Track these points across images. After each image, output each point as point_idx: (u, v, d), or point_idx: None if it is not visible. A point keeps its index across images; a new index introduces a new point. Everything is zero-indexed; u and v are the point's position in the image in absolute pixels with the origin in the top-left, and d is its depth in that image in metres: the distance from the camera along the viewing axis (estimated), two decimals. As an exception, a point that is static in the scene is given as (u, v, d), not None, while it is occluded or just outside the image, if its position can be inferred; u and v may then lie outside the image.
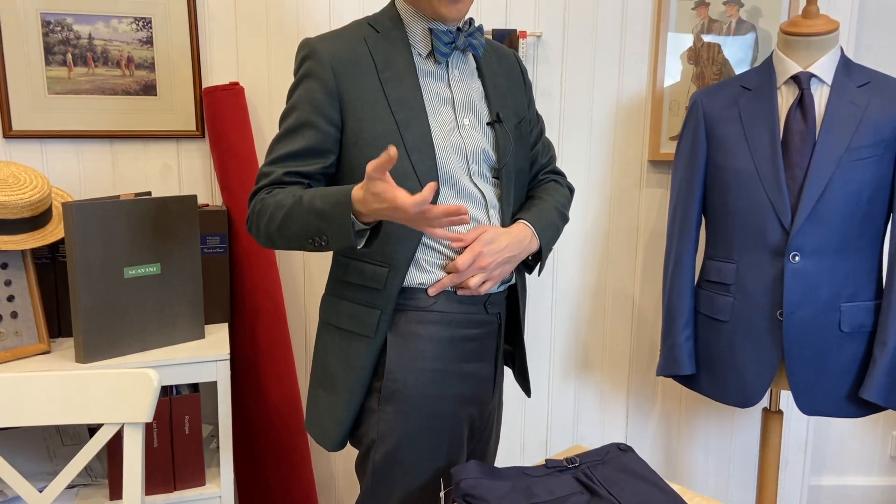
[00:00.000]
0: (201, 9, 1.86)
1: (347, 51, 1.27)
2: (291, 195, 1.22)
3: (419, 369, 1.28)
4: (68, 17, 1.75)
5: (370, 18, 1.33)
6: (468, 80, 1.34)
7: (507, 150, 1.34)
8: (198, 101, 1.88)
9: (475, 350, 1.33)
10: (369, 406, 1.31)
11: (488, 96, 1.35)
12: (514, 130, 1.37)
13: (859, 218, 1.61)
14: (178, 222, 1.65)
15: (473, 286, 1.27)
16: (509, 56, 1.45)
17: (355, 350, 1.30)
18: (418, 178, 1.24)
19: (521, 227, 1.33)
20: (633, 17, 2.02)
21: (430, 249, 1.28)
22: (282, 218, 1.21)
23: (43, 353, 1.64)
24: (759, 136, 1.66)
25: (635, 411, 2.25)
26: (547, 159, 1.50)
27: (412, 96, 1.27)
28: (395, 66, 1.27)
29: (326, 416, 1.35)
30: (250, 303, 1.87)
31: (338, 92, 1.25)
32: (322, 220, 1.16)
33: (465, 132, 1.30)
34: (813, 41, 1.65)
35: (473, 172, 1.30)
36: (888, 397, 1.63)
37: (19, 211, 1.58)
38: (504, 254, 1.28)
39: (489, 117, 1.34)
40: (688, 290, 1.81)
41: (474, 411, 1.37)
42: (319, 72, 1.25)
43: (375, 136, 1.25)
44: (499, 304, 1.36)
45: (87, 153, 1.84)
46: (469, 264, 1.25)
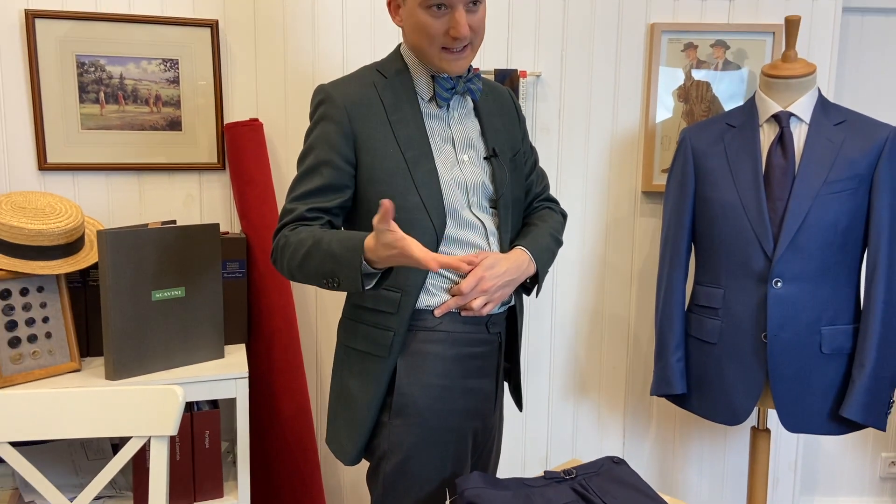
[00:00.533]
0: (224, 50, 2.00)
1: (359, 95, 1.39)
2: (312, 235, 1.32)
3: (427, 385, 1.38)
4: (102, 58, 1.89)
5: (378, 64, 1.45)
6: (467, 120, 1.46)
7: (504, 182, 1.46)
8: (219, 136, 2.02)
9: (478, 367, 1.44)
10: (381, 420, 1.41)
11: (485, 133, 1.47)
12: (510, 163, 1.49)
13: (837, 247, 1.73)
14: (201, 249, 1.77)
15: (476, 308, 1.38)
16: (504, 94, 1.58)
17: (371, 369, 1.41)
18: (427, 210, 1.36)
19: (519, 252, 1.44)
20: (626, 58, 2.16)
21: (436, 275, 1.39)
22: (302, 256, 1.32)
23: (74, 371, 1.75)
24: (743, 170, 1.79)
25: (632, 430, 2.35)
26: (541, 188, 1.62)
27: (419, 137, 1.39)
28: (402, 110, 1.39)
29: (344, 433, 1.45)
30: (266, 325, 1.98)
31: (352, 132, 1.37)
32: (335, 263, 1.27)
33: (464, 167, 1.42)
34: (792, 83, 1.78)
35: (473, 204, 1.42)
36: (867, 415, 1.73)
37: (55, 238, 1.70)
38: (504, 277, 1.40)
39: (486, 152, 1.46)
40: (678, 313, 1.92)
41: (478, 424, 1.47)
42: (335, 115, 1.37)
43: (387, 173, 1.37)
44: (499, 324, 1.47)
45: (117, 184, 1.97)
46: (472, 288, 1.37)
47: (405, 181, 1.36)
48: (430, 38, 1.35)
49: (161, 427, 1.35)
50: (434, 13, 1.32)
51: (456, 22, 1.32)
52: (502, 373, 1.54)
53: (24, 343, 1.68)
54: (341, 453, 1.46)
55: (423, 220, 1.36)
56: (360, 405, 1.42)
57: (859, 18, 2.37)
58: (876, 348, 1.73)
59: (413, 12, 1.35)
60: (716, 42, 2.12)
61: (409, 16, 1.36)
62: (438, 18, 1.33)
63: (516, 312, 1.52)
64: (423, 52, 1.38)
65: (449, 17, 1.33)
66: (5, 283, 1.67)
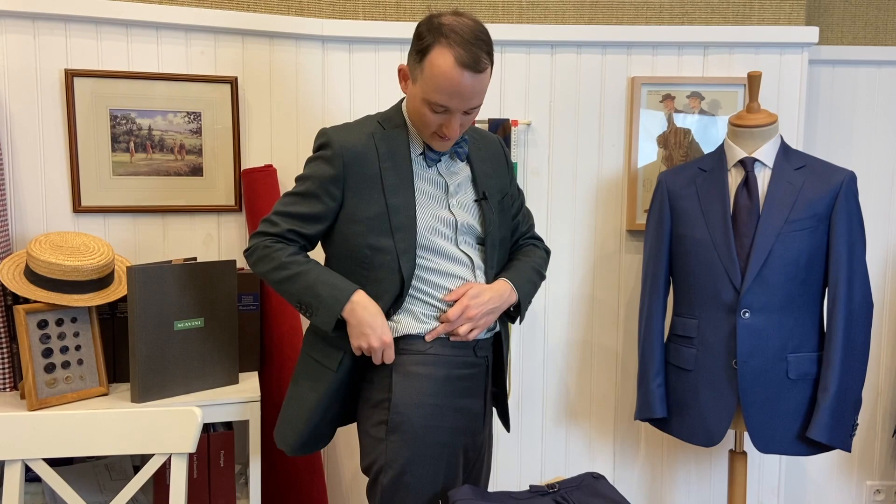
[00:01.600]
0: (242, 104, 2.21)
1: (356, 143, 1.56)
2: (296, 262, 1.54)
3: (420, 404, 1.54)
4: (133, 112, 2.10)
5: (380, 116, 1.62)
6: (457, 168, 1.63)
7: (492, 223, 1.63)
8: (237, 181, 2.21)
9: (467, 388, 1.60)
10: (377, 436, 1.55)
11: (475, 179, 1.64)
12: (498, 206, 1.66)
13: (799, 280, 1.89)
14: (219, 283, 1.95)
15: (463, 333, 1.54)
16: (493, 141, 1.75)
17: (323, 378, 1.61)
18: (397, 253, 1.53)
19: (501, 283, 1.61)
20: (609, 108, 2.35)
21: (424, 304, 1.56)
22: (284, 277, 1.53)
23: (102, 395, 1.91)
24: (713, 210, 1.95)
25: (621, 455, 2.48)
26: (527, 227, 1.79)
27: (404, 185, 1.55)
28: (393, 160, 1.56)
29: (288, 427, 1.65)
30: (277, 354, 2.15)
31: (343, 176, 1.55)
32: (317, 300, 1.51)
33: (455, 210, 1.59)
34: (756, 132, 1.96)
35: (460, 241, 1.59)
36: (832, 437, 1.87)
37: (89, 274, 1.88)
38: (488, 306, 1.56)
39: (476, 196, 1.64)
40: (658, 342, 2.07)
41: (468, 441, 1.62)
42: (331, 158, 1.55)
43: (368, 217, 1.54)
44: (486, 348, 1.63)
45: (143, 225, 2.16)
46: (458, 315, 1.53)
47: (382, 225, 1.53)
48: (426, 126, 1.53)
49: (181, 445, 1.47)
50: (435, 108, 1.48)
51: (449, 124, 1.50)
52: (490, 394, 1.69)
53: (59, 369, 1.85)
54: (283, 443, 1.66)
55: (391, 262, 1.53)
56: (306, 405, 1.61)
57: (830, 69, 2.55)
58: (838, 374, 1.87)
59: (415, 98, 1.51)
60: (692, 93, 2.30)
61: (413, 98, 1.53)
62: (436, 114, 1.49)
63: (501, 338, 1.67)
64: (418, 129, 1.56)
65: (443, 118, 1.49)
66: (43, 315, 1.84)
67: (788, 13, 2.32)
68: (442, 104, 1.46)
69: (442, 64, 1.43)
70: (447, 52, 1.43)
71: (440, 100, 1.46)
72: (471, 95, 1.46)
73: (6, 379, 1.93)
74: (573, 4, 2.31)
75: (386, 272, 1.54)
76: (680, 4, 2.32)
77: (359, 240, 1.55)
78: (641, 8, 2.32)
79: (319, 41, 2.27)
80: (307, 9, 2.25)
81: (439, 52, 1.43)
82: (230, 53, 2.19)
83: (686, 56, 2.33)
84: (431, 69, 1.44)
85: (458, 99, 1.46)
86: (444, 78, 1.43)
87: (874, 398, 2.64)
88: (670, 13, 2.32)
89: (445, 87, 1.44)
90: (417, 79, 1.49)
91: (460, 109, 1.48)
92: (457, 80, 1.43)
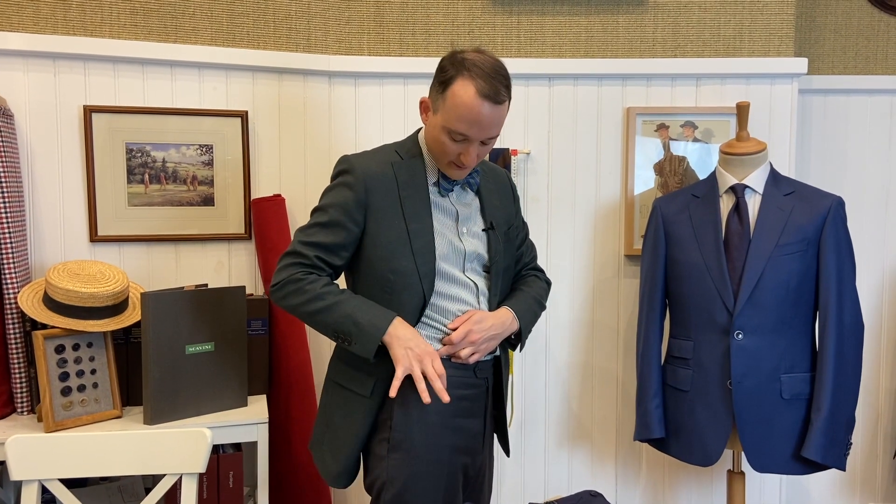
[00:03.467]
0: (252, 136, 2.30)
1: (377, 170, 1.62)
2: (331, 292, 1.56)
3: (421, 422, 1.59)
4: (148, 145, 2.20)
5: (397, 146, 1.70)
6: (468, 198, 1.71)
7: (498, 252, 1.70)
8: (247, 210, 2.30)
9: (467, 408, 1.66)
10: (379, 454, 1.61)
11: (483, 209, 1.71)
12: (504, 236, 1.73)
13: (790, 302, 1.94)
14: (229, 309, 2.02)
15: (464, 356, 1.61)
16: (502, 175, 1.83)
17: (355, 406, 1.63)
18: (419, 275, 1.59)
19: (504, 311, 1.67)
20: (605, 137, 2.43)
21: (429, 327, 1.63)
22: (319, 308, 1.55)
23: (116, 417, 1.98)
24: (706, 234, 2.02)
25: (623, 476, 2.51)
26: (530, 258, 1.86)
27: (423, 211, 1.63)
28: (412, 187, 1.63)
29: (329, 457, 1.67)
30: (285, 377, 2.21)
31: (366, 202, 1.60)
32: (357, 329, 1.53)
33: (464, 238, 1.66)
34: (745, 159, 2.03)
35: (467, 269, 1.66)
36: (826, 455, 1.91)
37: (104, 300, 1.96)
38: (490, 332, 1.63)
39: (484, 225, 1.70)
40: (655, 364, 2.12)
41: (468, 460, 1.67)
42: (353, 183, 1.60)
43: (390, 241, 1.60)
44: (486, 370, 1.69)
45: (156, 253, 2.24)
46: (461, 339, 1.60)
47: (404, 249, 1.60)
48: (444, 154, 1.60)
49: (192, 465, 1.52)
50: (455, 137, 1.56)
51: (468, 153, 1.57)
52: (490, 416, 1.74)
53: (75, 392, 1.92)
54: (327, 474, 1.68)
55: (414, 283, 1.59)
56: (343, 435, 1.64)
57: (822, 98, 2.63)
58: (831, 394, 1.91)
59: (436, 127, 1.59)
60: (685, 123, 2.38)
61: (432, 127, 1.60)
62: (455, 143, 1.57)
63: (501, 362, 1.73)
64: (435, 157, 1.63)
65: (462, 147, 1.57)
66: (60, 340, 1.92)
67: (778, 45, 2.40)
68: (462, 133, 1.54)
69: (464, 94, 1.52)
70: (469, 84, 1.52)
71: (460, 128, 1.54)
72: (489, 125, 1.55)
73: (24, 402, 2.00)
74: (570, 39, 2.40)
75: (409, 295, 1.59)
76: (673, 38, 2.41)
77: (381, 264, 1.60)
78: (635, 41, 2.41)
79: (326, 76, 2.37)
80: (314, 45, 2.35)
81: (462, 83, 1.52)
82: (241, 89, 2.29)
83: (679, 87, 2.41)
84: (454, 99, 1.53)
85: (477, 128, 1.54)
86: (465, 108, 1.52)
87: (874, 420, 2.67)
88: (663, 46, 2.41)
89: (466, 116, 1.52)
90: (439, 109, 1.58)
91: (479, 139, 1.56)
92: (477, 109, 1.52)
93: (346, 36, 2.37)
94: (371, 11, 2.37)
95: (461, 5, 2.39)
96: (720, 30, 2.40)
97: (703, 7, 2.40)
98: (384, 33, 2.38)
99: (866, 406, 2.65)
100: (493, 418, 1.78)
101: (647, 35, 2.41)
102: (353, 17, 2.37)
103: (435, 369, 1.52)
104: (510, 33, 2.40)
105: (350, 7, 2.37)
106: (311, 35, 2.35)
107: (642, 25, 2.40)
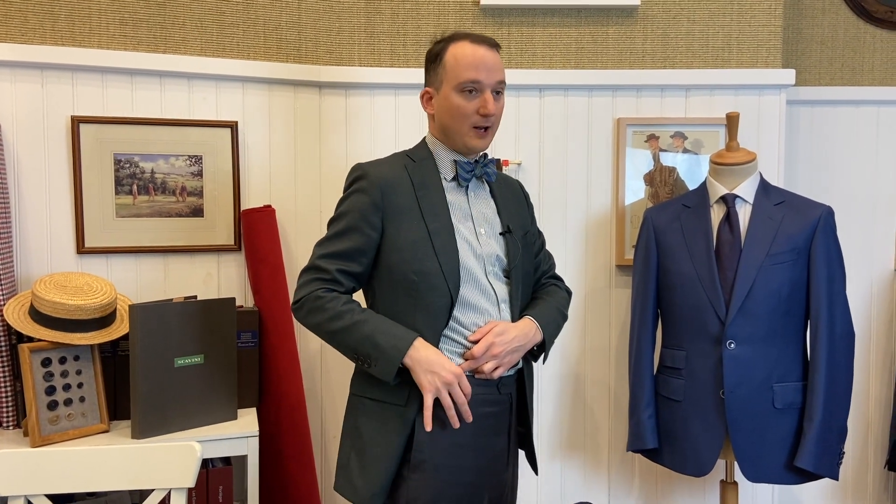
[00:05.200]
0: (242, 147, 2.29)
1: (391, 175, 1.61)
2: (352, 311, 1.51)
3: (442, 442, 1.53)
4: (136, 156, 2.18)
5: (408, 151, 1.70)
6: (483, 200, 1.69)
7: (516, 255, 1.66)
8: (236, 221, 2.28)
9: (491, 426, 1.59)
10: (400, 473, 1.54)
11: (500, 212, 1.69)
12: (521, 240, 1.69)
13: (781, 311, 1.94)
14: (218, 321, 2.00)
15: (487, 371, 1.54)
16: (514, 184, 1.82)
17: (389, 418, 1.55)
18: (444, 275, 1.54)
19: (527, 321, 1.62)
20: (596, 148, 2.44)
21: (451, 340, 1.57)
22: (339, 328, 1.51)
23: (103, 432, 1.95)
24: (697, 244, 2.02)
25: (616, 487, 2.50)
26: (548, 266, 1.84)
27: (441, 210, 1.60)
28: (428, 187, 1.61)
29: (360, 478, 1.56)
30: (275, 390, 2.19)
31: (382, 205, 1.58)
32: (377, 350, 1.49)
33: (482, 240, 1.63)
34: (735, 169, 2.04)
35: (489, 272, 1.61)
36: (819, 465, 1.91)
37: (92, 312, 1.93)
38: (513, 344, 1.57)
39: (501, 228, 1.67)
40: (648, 374, 2.11)
41: (492, 481, 1.61)
42: (369, 189, 1.58)
43: (411, 241, 1.56)
44: (510, 385, 1.63)
45: (145, 264, 2.22)
46: (483, 352, 1.53)
47: (426, 249, 1.55)
48: (463, 117, 1.60)
49: (181, 480, 1.50)
50: (467, 96, 1.59)
51: (485, 101, 1.60)
52: (515, 432, 1.68)
53: (61, 406, 1.89)
54: (356, 497, 1.57)
55: (440, 284, 1.54)
56: (377, 452, 1.54)
57: (809, 109, 2.65)
58: (823, 403, 1.91)
59: (447, 97, 1.61)
60: (675, 133, 2.39)
61: (444, 100, 1.62)
62: (470, 101, 1.59)
63: (524, 376, 1.68)
64: (454, 132, 1.62)
65: (479, 98, 1.60)
66: (47, 353, 1.89)
67: (766, 57, 2.42)
68: (472, 79, 1.58)
69: (459, 50, 1.61)
70: (460, 43, 1.62)
71: (470, 75, 1.58)
72: (494, 67, 1.61)
73: (10, 416, 1.97)
74: (560, 50, 2.41)
75: (435, 296, 1.54)
76: (662, 49, 2.42)
77: (404, 267, 1.56)
78: (625, 53, 2.42)
79: (316, 87, 2.36)
80: (305, 56, 2.35)
81: (453, 45, 1.62)
82: (231, 99, 2.28)
83: (669, 98, 2.42)
84: (453, 58, 1.60)
85: (484, 70, 1.59)
86: (466, 57, 1.59)
87: (865, 429, 2.68)
88: (653, 57, 2.42)
89: (471, 62, 1.58)
90: (442, 79, 1.62)
91: (490, 82, 1.60)
92: (479, 54, 1.60)
93: (337, 47, 2.37)
94: (362, 22, 2.37)
95: (452, 17, 2.39)
96: (709, 41, 2.42)
97: (693, 19, 2.42)
98: (375, 44, 2.38)
99: (857, 415, 2.66)
100: (517, 434, 1.72)
101: (636, 46, 2.42)
102: (343, 28, 2.37)
103: (463, 390, 1.49)
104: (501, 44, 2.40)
105: (341, 18, 2.37)
106: (301, 46, 2.35)
107: (632, 37, 2.42)
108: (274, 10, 2.32)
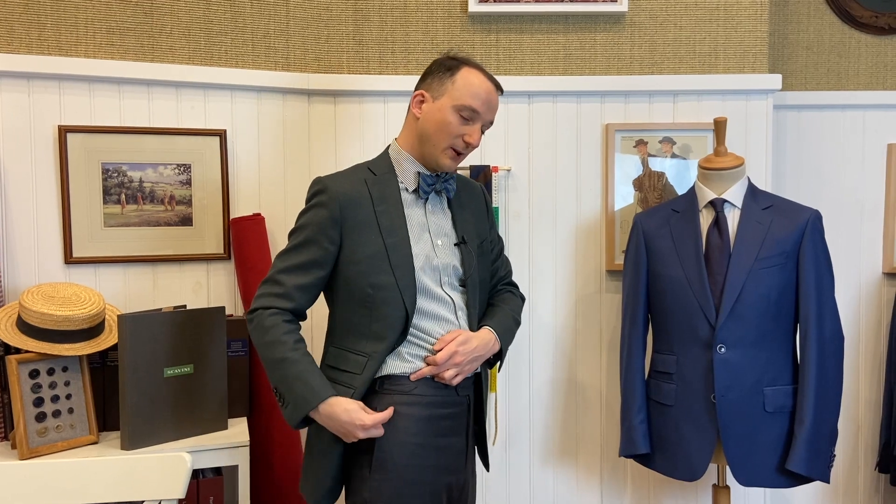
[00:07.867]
0: (231, 155, 2.28)
1: (351, 189, 1.64)
2: (286, 345, 1.56)
3: (403, 443, 1.57)
4: (124, 165, 2.17)
5: (370, 163, 1.72)
6: (440, 212, 1.73)
7: (471, 265, 1.71)
8: (226, 230, 2.27)
9: (450, 427, 1.64)
10: (362, 474, 1.59)
11: (455, 224, 1.73)
12: (477, 249, 1.74)
13: (771, 315, 1.95)
14: (208, 330, 1.99)
15: (448, 378, 1.60)
16: (476, 189, 1.84)
17: None
18: (399, 289, 1.59)
19: (486, 332, 1.69)
20: (585, 154, 2.44)
21: (412, 344, 1.62)
22: (270, 358, 1.58)
23: (92, 443, 1.93)
24: (687, 249, 2.03)
25: (608, 492, 2.50)
26: (504, 272, 1.87)
27: (399, 225, 1.64)
28: (386, 202, 1.65)
29: (311, 480, 1.65)
30: (266, 399, 2.17)
31: (341, 220, 1.62)
32: (290, 393, 1.56)
33: (438, 251, 1.67)
34: (724, 174, 2.05)
35: (444, 283, 1.66)
36: (810, 468, 1.91)
37: (80, 323, 1.92)
38: (474, 353, 1.63)
39: (457, 239, 1.71)
40: (639, 379, 2.12)
41: (451, 479, 1.66)
42: (328, 203, 1.62)
43: (368, 256, 1.61)
44: (467, 388, 1.69)
45: (133, 274, 2.20)
46: (446, 359, 1.59)
47: (382, 263, 1.60)
48: (447, 136, 1.63)
49: (171, 491, 1.49)
50: (461, 119, 1.63)
51: (473, 132, 1.64)
52: (472, 432, 1.74)
53: (49, 418, 1.87)
54: (310, 497, 1.66)
55: (395, 297, 1.59)
56: (324, 455, 1.62)
57: (796, 114, 2.67)
58: (813, 406, 1.92)
59: (442, 110, 1.63)
60: (663, 138, 2.40)
61: (437, 111, 1.64)
62: (461, 125, 1.63)
63: (481, 379, 1.73)
64: (432, 144, 1.64)
65: (469, 127, 1.64)
66: (34, 364, 1.87)
67: (752, 62, 2.44)
68: (475, 108, 1.63)
69: (474, 77, 1.65)
70: (476, 71, 1.67)
71: (475, 104, 1.63)
72: (494, 107, 1.68)
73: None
74: (548, 56, 2.42)
75: (391, 308, 1.59)
76: (650, 55, 2.43)
77: (360, 280, 1.60)
78: (613, 59, 2.43)
79: (305, 95, 2.36)
80: (293, 64, 2.35)
81: (469, 69, 1.66)
82: (219, 107, 2.27)
83: (657, 103, 2.43)
84: (466, 80, 1.64)
85: (487, 106, 1.65)
86: (478, 86, 1.64)
87: (855, 432, 2.69)
88: (640, 63, 2.43)
89: (480, 93, 1.64)
90: (446, 92, 1.64)
91: (486, 118, 1.66)
92: (489, 89, 1.66)
93: (326, 54, 2.37)
94: (350, 30, 2.37)
95: (440, 24, 2.40)
96: (696, 47, 2.44)
97: (679, 25, 2.43)
98: (363, 52, 2.38)
99: (847, 417, 2.67)
100: (474, 434, 1.78)
101: (624, 52, 2.43)
102: (332, 36, 2.37)
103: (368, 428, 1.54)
104: (489, 51, 2.41)
105: (329, 26, 2.37)
106: (289, 53, 2.35)
107: (620, 43, 2.43)
108: (262, 18, 2.32)
